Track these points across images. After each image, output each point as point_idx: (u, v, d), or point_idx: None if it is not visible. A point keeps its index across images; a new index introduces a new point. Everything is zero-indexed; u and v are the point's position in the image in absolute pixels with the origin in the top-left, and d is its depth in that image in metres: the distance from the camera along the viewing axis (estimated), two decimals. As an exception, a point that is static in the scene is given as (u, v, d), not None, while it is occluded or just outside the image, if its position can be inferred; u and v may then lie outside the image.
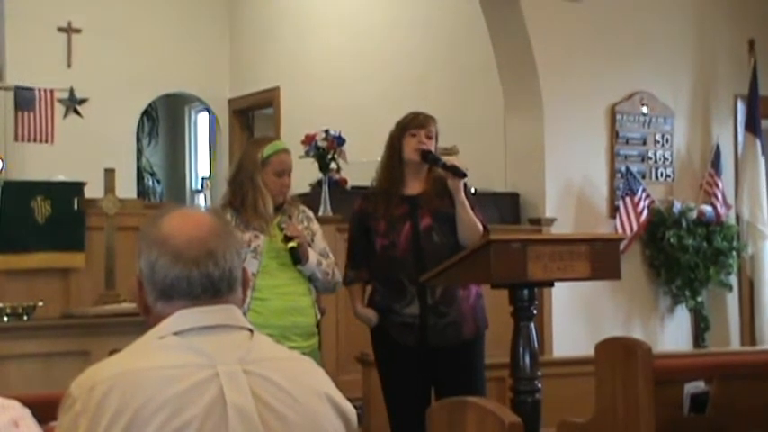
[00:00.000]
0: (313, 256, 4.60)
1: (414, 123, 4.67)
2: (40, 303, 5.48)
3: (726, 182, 8.12)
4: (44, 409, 2.10)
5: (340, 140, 6.82)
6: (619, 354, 3.81)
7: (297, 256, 4.54)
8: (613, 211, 7.71)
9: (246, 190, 4.58)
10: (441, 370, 4.55)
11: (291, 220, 4.64)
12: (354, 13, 10.01)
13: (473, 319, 4.60)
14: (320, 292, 4.76)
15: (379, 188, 4.71)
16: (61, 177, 6.92)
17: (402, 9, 9.52)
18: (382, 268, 4.61)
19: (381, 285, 4.62)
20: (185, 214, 1.98)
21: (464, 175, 4.57)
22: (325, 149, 6.79)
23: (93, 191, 6.20)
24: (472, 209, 4.61)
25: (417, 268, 4.43)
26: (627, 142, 7.86)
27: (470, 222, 4.57)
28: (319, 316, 4.74)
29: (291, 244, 4.52)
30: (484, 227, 4.61)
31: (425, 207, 4.61)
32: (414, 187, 4.67)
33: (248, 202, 4.56)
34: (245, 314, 4.32)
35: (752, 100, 8.10)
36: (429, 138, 4.65)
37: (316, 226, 4.78)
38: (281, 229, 4.55)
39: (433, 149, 4.65)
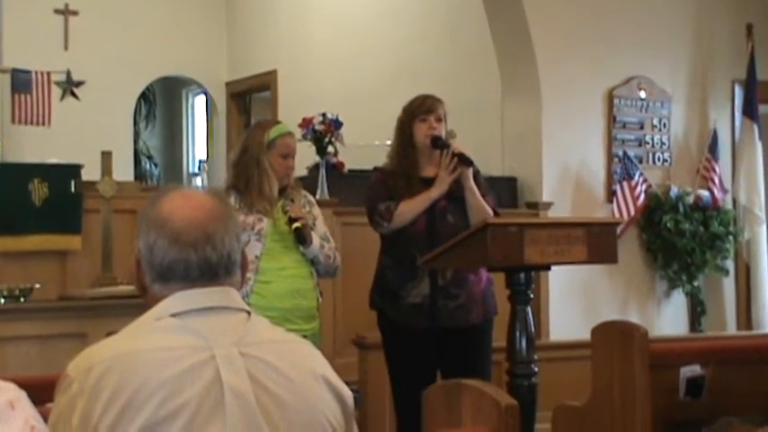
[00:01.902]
0: (316, 238, 4.63)
1: (422, 108, 4.68)
2: (37, 286, 5.48)
3: (723, 167, 8.11)
4: (41, 391, 2.10)
5: (337, 124, 6.82)
6: (615, 338, 3.81)
7: (302, 237, 4.56)
8: (610, 195, 7.71)
9: (252, 172, 4.60)
10: (448, 354, 4.57)
11: (294, 203, 4.66)
12: (352, -4, 9.99)
13: (482, 304, 4.61)
14: (321, 276, 4.78)
15: (396, 169, 4.72)
16: (53, 160, 6.91)
17: (400, -8, 9.51)
18: (397, 245, 4.62)
19: (394, 262, 4.62)
20: (185, 196, 1.97)
21: (471, 163, 4.59)
22: (323, 133, 6.78)
23: (90, 173, 6.19)
24: (485, 195, 4.64)
25: (430, 247, 4.42)
26: (624, 127, 7.86)
27: (480, 208, 4.59)
28: (320, 299, 4.77)
29: (296, 225, 4.54)
30: (495, 212, 4.64)
31: None
32: (429, 170, 4.69)
33: (253, 184, 4.58)
34: (247, 296, 4.39)
35: (749, 85, 8.09)
36: (439, 121, 4.67)
37: (317, 211, 4.81)
38: (285, 212, 4.57)
39: (443, 132, 4.68)
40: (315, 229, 4.68)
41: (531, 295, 4.21)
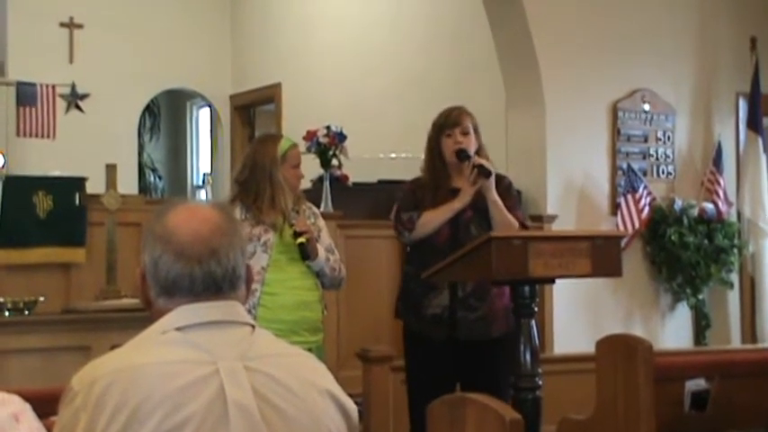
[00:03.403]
0: (321, 251, 4.63)
1: (448, 122, 4.71)
2: (42, 298, 5.48)
3: (727, 179, 8.10)
4: (45, 404, 2.10)
5: (341, 136, 6.82)
6: (620, 351, 3.81)
7: (306, 252, 4.57)
8: (615, 208, 7.69)
9: (263, 187, 4.60)
10: (467, 367, 4.56)
11: (299, 215, 4.67)
12: (356, 9, 10.00)
13: (504, 318, 4.58)
14: (327, 288, 4.79)
15: (427, 182, 4.73)
16: (58, 173, 6.92)
17: (403, 4, 9.51)
18: (421, 255, 4.63)
19: (417, 273, 4.61)
20: (190, 210, 1.97)
21: (490, 175, 4.59)
22: (327, 145, 6.79)
23: (95, 186, 6.20)
24: (512, 207, 4.65)
25: None
26: (628, 139, 7.85)
27: (504, 221, 4.59)
28: (325, 312, 4.77)
29: (300, 239, 4.54)
30: (523, 225, 4.64)
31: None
32: (459, 181, 4.70)
33: (265, 198, 4.59)
34: (254, 308, 4.40)
35: (754, 97, 8.08)
36: (465, 134, 4.70)
37: (321, 222, 4.82)
38: (291, 225, 4.57)
39: (472, 144, 4.70)
40: (320, 241, 4.69)
41: (536, 308, 4.20)
